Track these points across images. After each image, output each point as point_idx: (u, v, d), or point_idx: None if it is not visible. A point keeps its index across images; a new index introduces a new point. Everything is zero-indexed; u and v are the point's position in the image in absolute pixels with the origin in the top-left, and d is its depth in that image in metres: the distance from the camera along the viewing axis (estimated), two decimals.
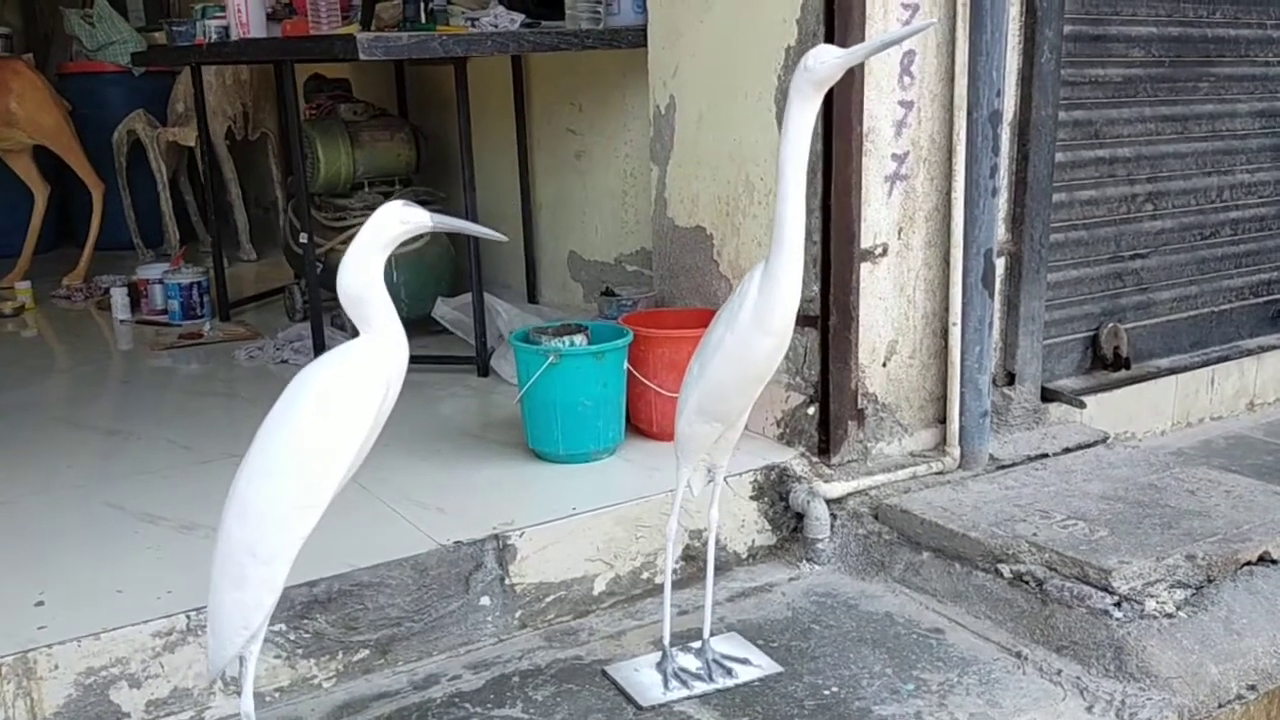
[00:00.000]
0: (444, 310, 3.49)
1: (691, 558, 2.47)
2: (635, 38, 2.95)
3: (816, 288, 2.57)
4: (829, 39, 2.44)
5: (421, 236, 3.59)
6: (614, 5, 2.99)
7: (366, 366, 1.54)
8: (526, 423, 2.61)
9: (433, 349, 3.48)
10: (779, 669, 2.10)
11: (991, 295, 2.68)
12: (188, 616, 1.92)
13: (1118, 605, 2.13)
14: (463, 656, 2.17)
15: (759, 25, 2.60)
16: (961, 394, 2.70)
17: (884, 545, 2.49)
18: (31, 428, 3.00)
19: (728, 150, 2.73)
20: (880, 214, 2.60)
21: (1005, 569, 2.29)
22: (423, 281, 3.60)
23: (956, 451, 2.72)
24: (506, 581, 2.23)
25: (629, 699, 2.02)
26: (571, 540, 2.29)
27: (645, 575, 2.40)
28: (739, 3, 2.65)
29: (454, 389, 3.22)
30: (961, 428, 2.72)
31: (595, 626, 2.29)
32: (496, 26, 2.99)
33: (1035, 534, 2.34)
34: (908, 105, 2.59)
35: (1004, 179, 2.70)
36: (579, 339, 2.59)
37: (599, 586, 2.34)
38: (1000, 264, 2.80)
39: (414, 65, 4.13)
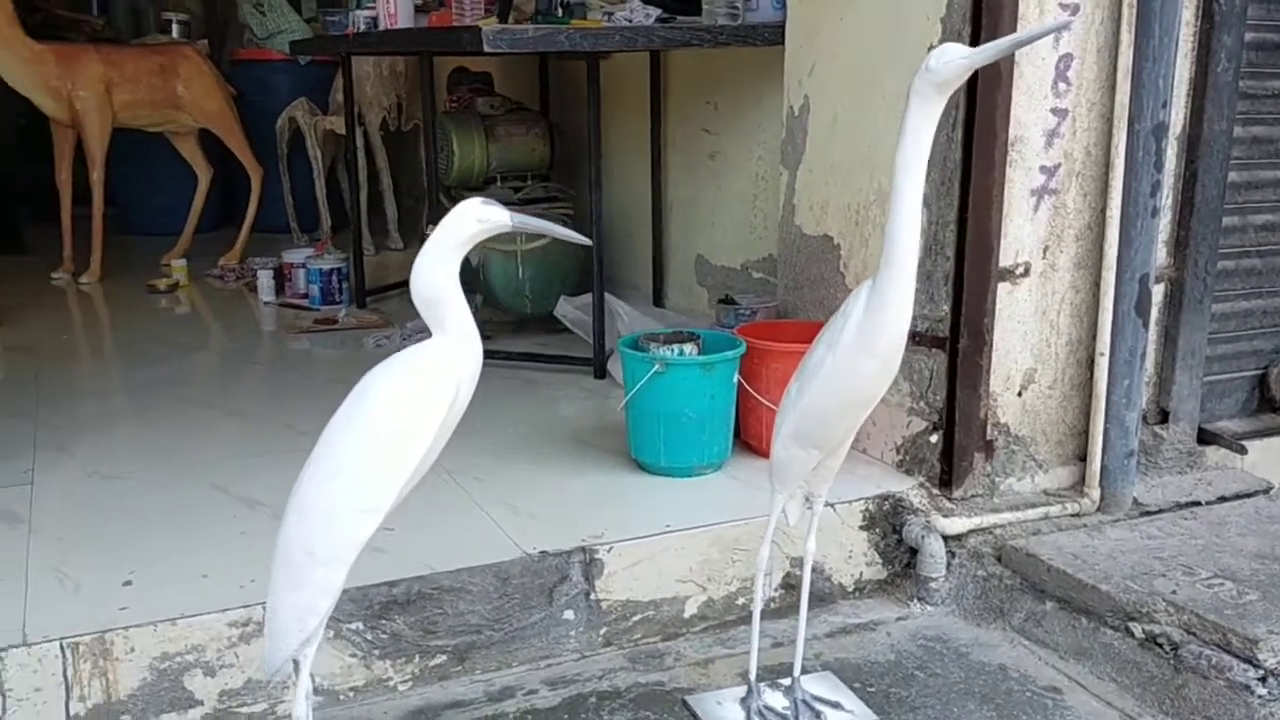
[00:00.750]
0: (566, 309, 3.43)
1: (791, 586, 2.33)
2: (772, 35, 2.82)
3: (947, 307, 2.40)
4: (974, 39, 2.26)
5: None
6: (752, 1, 2.86)
7: (437, 369, 1.47)
8: (630, 431, 2.51)
9: (553, 348, 3.44)
10: (874, 718, 1.95)
11: (1146, 325, 2.45)
12: (264, 608, 1.89)
13: (1262, 681, 1.90)
14: (542, 670, 2.10)
15: (901, 23, 2.44)
16: (1105, 430, 2.48)
17: (1004, 590, 2.30)
18: (159, 404, 3.08)
19: (861, 156, 2.58)
20: (1024, 230, 2.40)
21: (1137, 628, 2.08)
22: (548, 279, 3.56)
23: (1096, 493, 2.50)
24: (592, 597, 2.14)
25: None
26: (663, 559, 2.19)
27: (740, 601, 2.27)
28: (882, 2, 2.49)
29: (569, 390, 3.16)
30: (1103, 467, 2.50)
31: (682, 651, 2.18)
32: (630, 21, 2.90)
33: (1175, 592, 2.11)
34: (1061, 114, 2.38)
35: (1166, 198, 2.46)
36: (689, 348, 2.48)
37: (690, 609, 2.23)
38: (1158, 291, 2.56)
39: (557, 61, 4.08)
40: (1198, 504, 2.55)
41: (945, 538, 2.37)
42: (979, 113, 2.28)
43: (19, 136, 6.48)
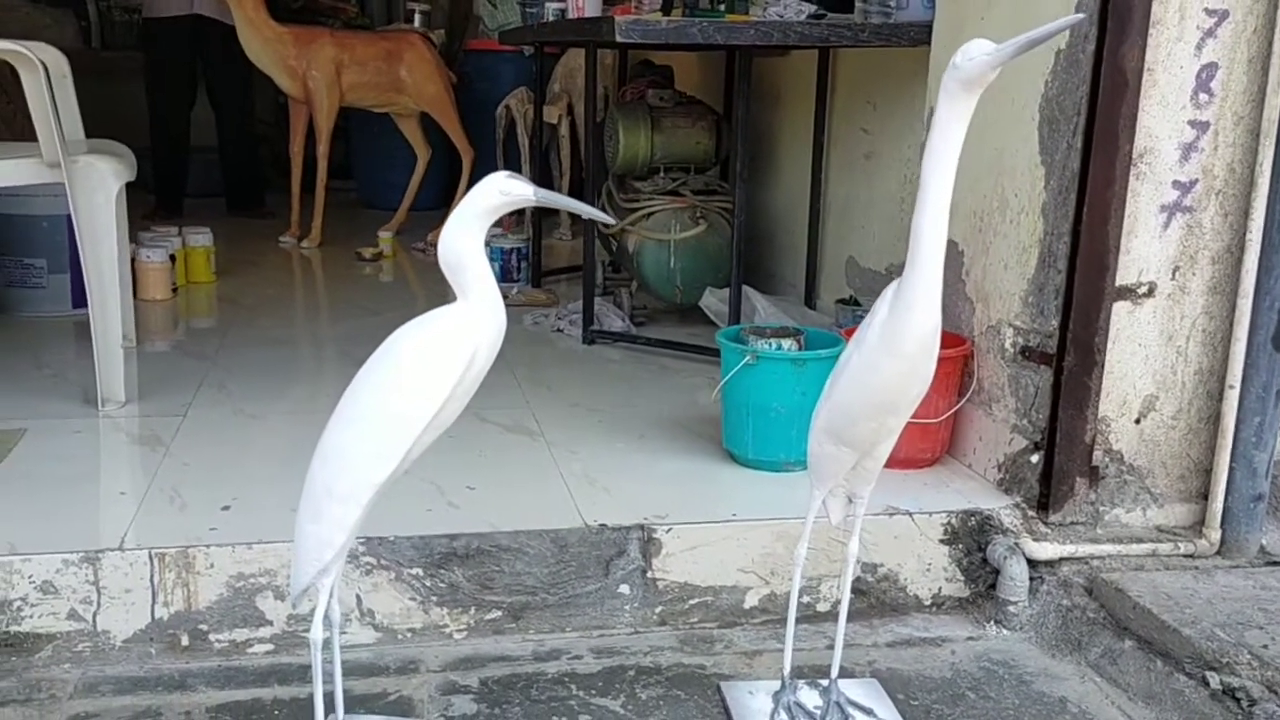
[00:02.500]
0: (711, 301, 3.47)
1: (861, 591, 2.29)
2: (918, 34, 2.76)
3: (1055, 322, 2.29)
4: (1100, 44, 2.15)
5: (701, 225, 3.60)
6: (904, 0, 2.81)
7: (454, 332, 1.57)
8: (723, 422, 2.54)
9: (700, 338, 3.48)
10: None
11: None
12: None
13: None
14: (593, 639, 2.16)
15: (1035, 20, 2.32)
16: (1231, 469, 2.30)
17: (1086, 623, 2.19)
18: (326, 358, 3.35)
19: (987, 160, 2.50)
20: (1150, 248, 2.27)
21: (1214, 678, 1.93)
22: (699, 270, 3.61)
23: (1216, 535, 2.33)
24: (648, 574, 2.19)
25: (729, 719, 1.92)
26: (724, 546, 2.21)
27: (805, 599, 2.26)
28: (1020, 3, 2.40)
29: (697, 379, 3.20)
30: (1226, 509, 2.32)
31: (735, 640, 2.19)
32: (781, 16, 2.91)
33: (1266, 646, 1.95)
34: (1201, 126, 2.23)
35: None
36: (788, 343, 2.48)
37: (750, 600, 2.24)
38: None
39: (745, 57, 4.11)
40: None
41: (1033, 562, 2.28)
42: (1099, 121, 2.17)
43: (278, 112, 7.10)
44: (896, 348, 1.60)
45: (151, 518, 2.13)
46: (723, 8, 3.13)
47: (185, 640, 2.03)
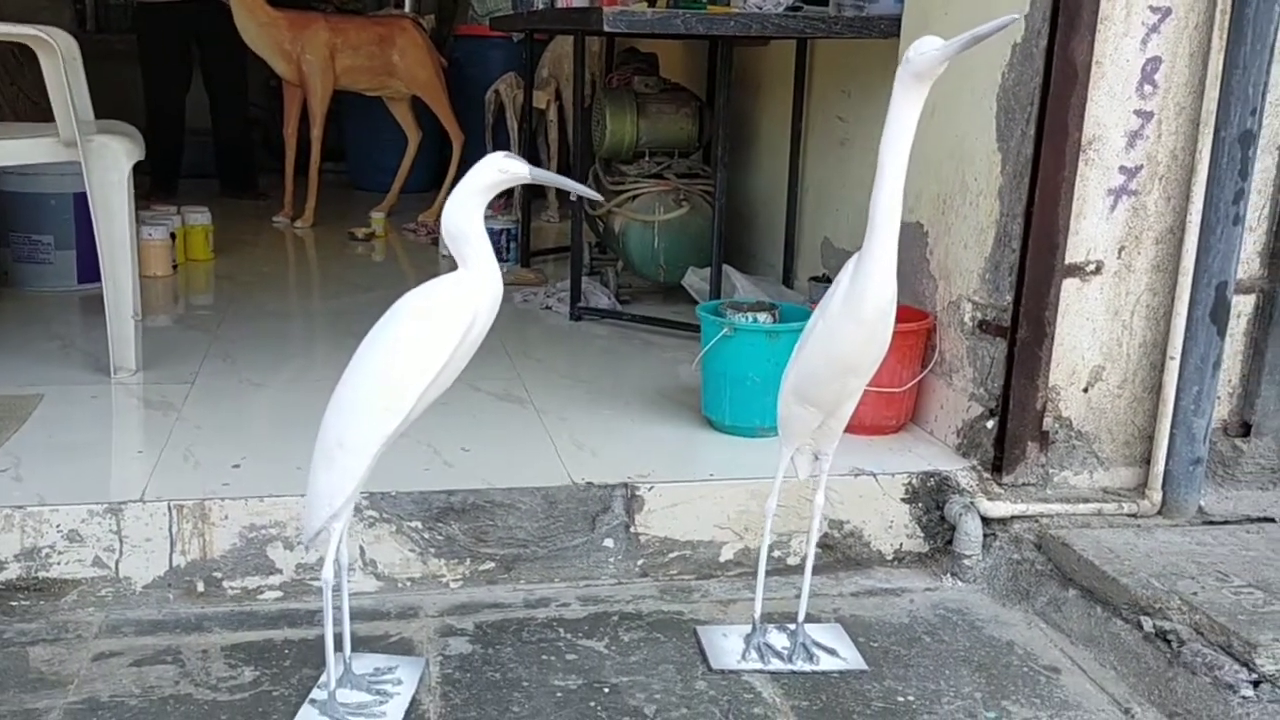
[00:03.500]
0: (693, 279, 3.64)
1: (829, 546, 2.47)
2: (888, 27, 2.92)
3: (1009, 298, 2.47)
4: (1051, 38, 2.32)
5: (684, 206, 3.76)
6: None
7: (455, 298, 1.72)
8: (702, 391, 2.71)
9: (683, 315, 3.64)
10: (864, 667, 2.09)
11: (1221, 333, 2.44)
12: None
13: (1254, 685, 1.92)
14: (580, 589, 2.33)
15: (991, 19, 2.50)
16: (1171, 435, 2.49)
17: (1034, 575, 2.37)
18: (319, 331, 3.50)
19: (949, 146, 2.67)
20: (1098, 229, 2.44)
21: (1147, 622, 2.12)
22: (682, 250, 3.77)
23: (1157, 496, 2.51)
24: (631, 529, 2.36)
25: (704, 658, 2.09)
26: (701, 503, 2.38)
27: (776, 554, 2.43)
28: None
29: (679, 353, 3.36)
30: (1167, 472, 2.50)
31: (711, 590, 2.36)
32: (760, 8, 3.07)
33: (1196, 594, 2.13)
34: (1146, 116, 2.40)
35: (1264, 209, 2.44)
36: (764, 317, 2.65)
37: (725, 554, 2.41)
38: (1248, 302, 2.54)
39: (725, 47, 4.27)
40: (1270, 521, 2.52)
41: (986, 519, 2.45)
42: (1050, 110, 2.34)
43: (269, 96, 7.21)
44: (857, 314, 1.77)
45: (168, 474, 2.29)
46: (704, 0, 3.28)
47: (201, 587, 2.19)
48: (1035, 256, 2.41)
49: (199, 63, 5.98)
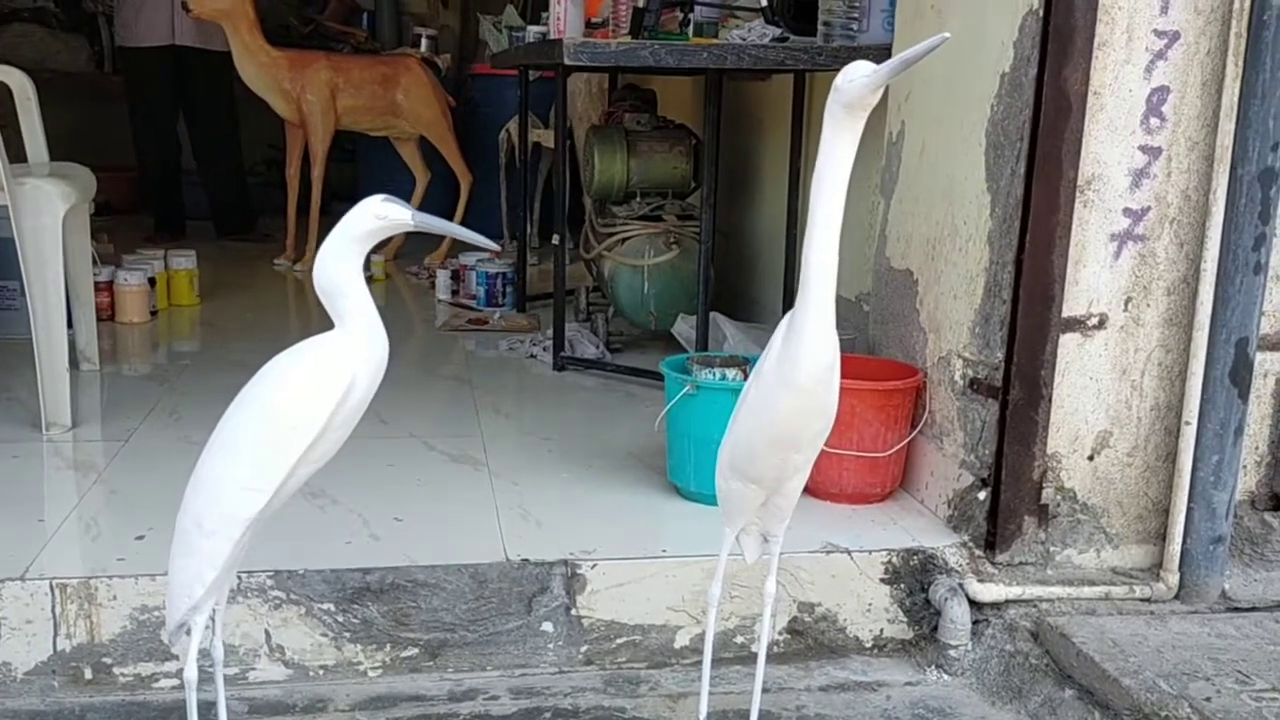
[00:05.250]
0: (682, 327, 3.41)
1: (798, 632, 2.21)
2: (879, 57, 2.66)
3: (1001, 354, 2.20)
4: (1041, 68, 2.08)
5: (675, 250, 3.54)
6: (864, 23, 2.75)
7: (330, 361, 1.51)
8: (668, 454, 2.47)
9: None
10: None
11: (1243, 395, 2.15)
12: (239, 578, 2.00)
13: None
14: (515, 678, 2.09)
15: (982, 47, 2.27)
16: (1189, 510, 2.20)
17: (1029, 670, 2.09)
18: None
19: (941, 186, 2.42)
20: (1100, 278, 2.18)
21: None
22: (673, 295, 3.55)
23: (1174, 579, 2.22)
24: (572, 612, 2.12)
25: None
26: (652, 584, 2.14)
27: (739, 639, 2.18)
28: (969, 22, 2.33)
29: (660, 407, 3.12)
30: (1184, 551, 2.22)
31: (661, 681, 2.11)
32: (744, 40, 2.85)
33: (1209, 699, 1.85)
34: (1153, 152, 2.14)
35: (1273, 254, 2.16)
36: (732, 373, 2.41)
37: (681, 640, 2.16)
38: (1276, 360, 2.25)
39: (729, 82, 4.06)
40: None
41: (977, 604, 2.18)
42: (1042, 147, 2.09)
43: (271, 138, 7.11)
44: (791, 380, 1.52)
45: (63, 546, 2.10)
46: (688, 32, 3.07)
47: (89, 673, 1.98)
48: (1028, 308, 2.15)
49: (185, 107, 5.85)
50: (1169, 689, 1.88)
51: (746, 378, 2.39)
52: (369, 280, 4.42)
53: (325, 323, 1.52)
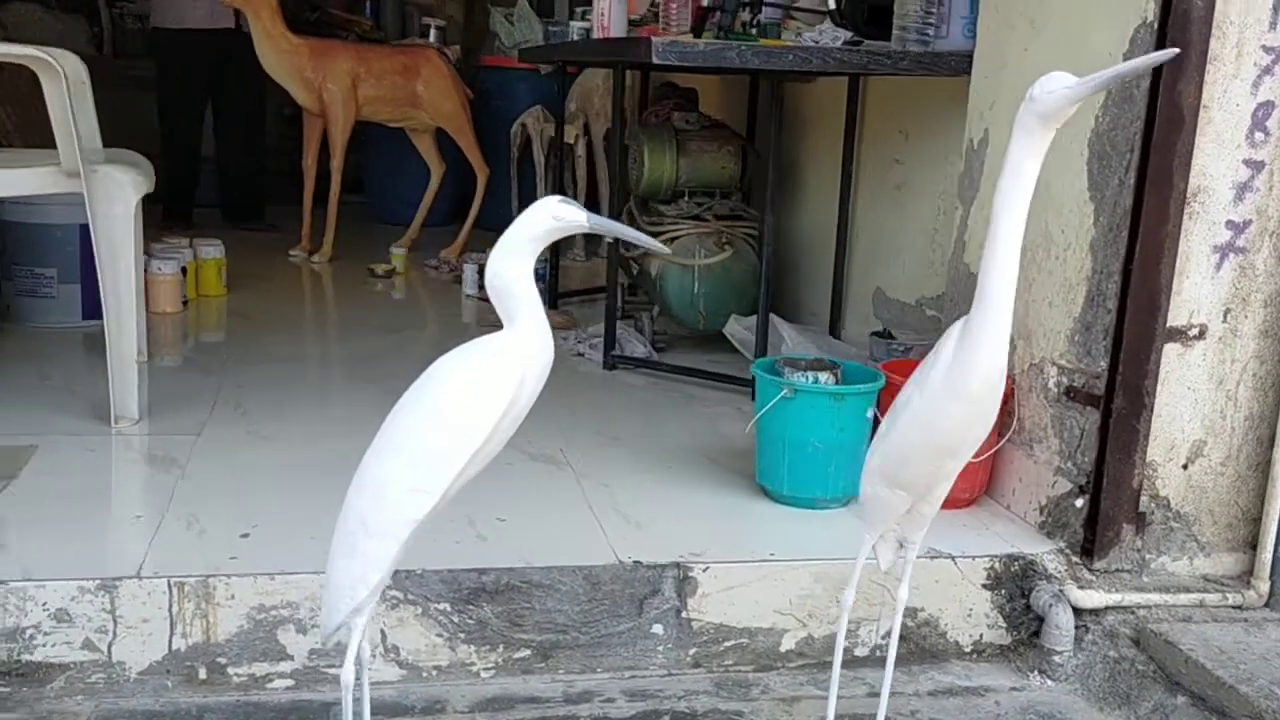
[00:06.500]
0: (735, 328, 3.41)
1: (902, 637, 2.21)
2: (959, 64, 2.70)
3: (1104, 363, 2.23)
4: (1155, 82, 2.10)
5: (727, 250, 3.54)
6: (943, 28, 2.76)
7: (500, 364, 1.49)
8: (757, 457, 2.47)
9: (721, 365, 3.42)
10: None
11: None
12: None
13: None
14: (625, 680, 2.09)
15: (1085, 58, 2.28)
16: None
17: (1135, 676, 2.11)
18: (335, 378, 3.28)
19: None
20: (1202, 289, 2.21)
21: None
22: (723, 296, 3.54)
23: (1265, 586, 2.26)
24: (683, 614, 2.12)
25: None
26: (761, 587, 2.14)
27: (845, 644, 2.18)
28: (1069, 32, 2.35)
29: (724, 409, 3.13)
30: (1276, 560, 2.25)
31: (771, 685, 2.12)
32: (817, 43, 2.85)
33: None
34: (1256, 166, 2.17)
35: None
36: (825, 376, 2.41)
37: (787, 643, 2.17)
38: None
39: (767, 83, 4.07)
40: None
41: (1078, 610, 2.20)
42: (1154, 159, 2.11)
43: (286, 124, 7.03)
44: (962, 390, 1.53)
45: (169, 544, 2.06)
46: (754, 32, 3.07)
47: (203, 673, 1.95)
48: (1135, 318, 2.18)
49: (215, 91, 5.77)
50: None
51: (838, 381, 2.41)
52: (391, 273, 4.41)
53: (359, 314, 1.51)
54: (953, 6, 2.75)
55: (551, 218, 1.47)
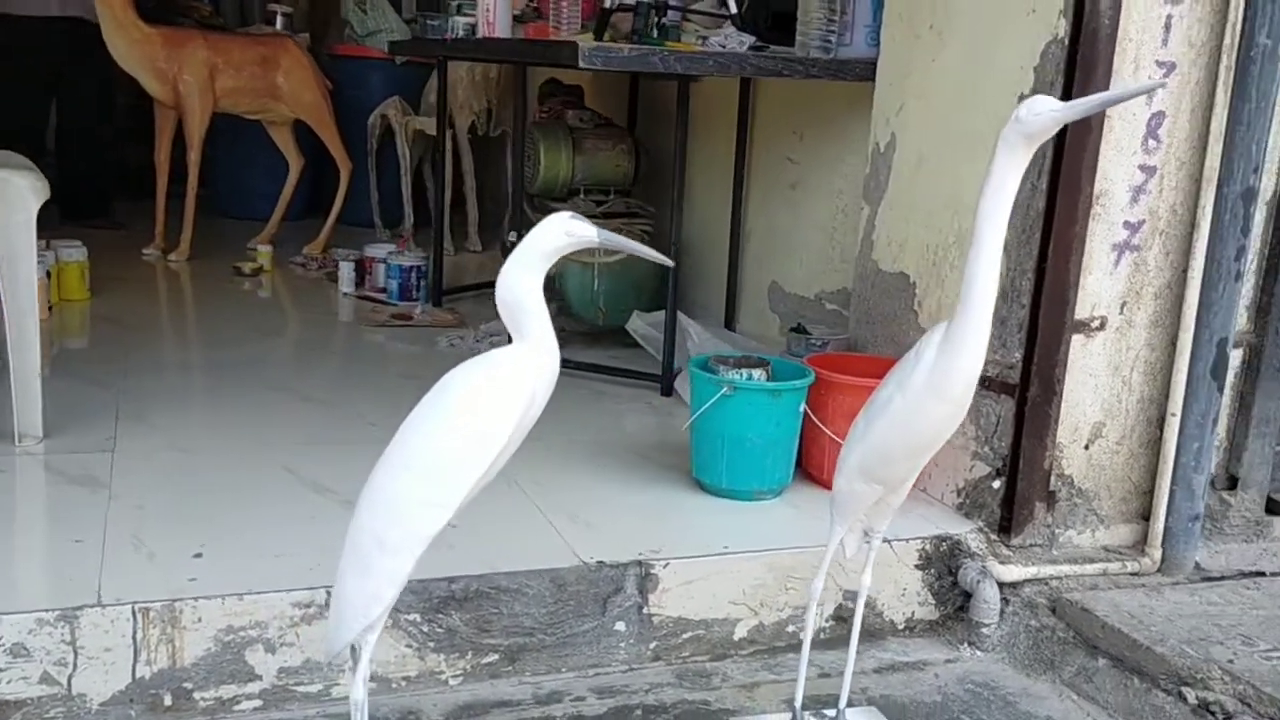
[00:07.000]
0: (638, 324, 3.47)
1: (842, 619, 2.34)
2: (863, 70, 2.84)
3: (1019, 354, 2.40)
4: (1066, 92, 2.27)
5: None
6: (846, 36, 2.89)
7: (513, 376, 1.52)
8: (693, 451, 2.54)
9: (622, 361, 3.47)
10: None
11: (1221, 389, 2.43)
12: (327, 592, 1.95)
13: None
14: (590, 679, 2.13)
15: (994, 69, 2.45)
16: (1171, 492, 2.46)
17: (1057, 643, 2.29)
18: (236, 385, 3.17)
19: (944, 197, 2.59)
20: (1102, 284, 2.40)
21: (1190, 694, 2.06)
22: (623, 293, 3.60)
23: (1157, 554, 2.48)
24: (644, 610, 2.17)
25: None
26: (718, 579, 2.22)
27: (790, 629, 2.29)
28: (976, 44, 2.50)
29: (635, 404, 3.20)
30: (1167, 529, 2.47)
31: (729, 673, 2.20)
32: (724, 47, 2.94)
33: (1232, 660, 2.09)
34: (1149, 171, 2.38)
35: (1250, 263, 2.44)
36: (758, 373, 2.51)
37: (740, 632, 2.25)
38: (1236, 356, 2.54)
39: (648, 80, 4.14)
40: (1261, 574, 2.52)
41: (1000, 585, 2.37)
42: (1066, 164, 2.28)
43: (126, 117, 6.67)
44: (944, 391, 1.64)
45: (121, 568, 1.98)
46: (655, 35, 3.13)
47: (168, 699, 1.89)
48: (1047, 312, 2.35)
49: (60, 82, 5.43)
50: (1195, 654, 2.11)
51: (769, 378, 2.50)
52: (259, 271, 4.29)
53: (236, 317, 1.52)
54: (856, 15, 2.88)
55: (564, 233, 1.51)
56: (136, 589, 1.90)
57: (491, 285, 4.31)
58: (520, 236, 3.48)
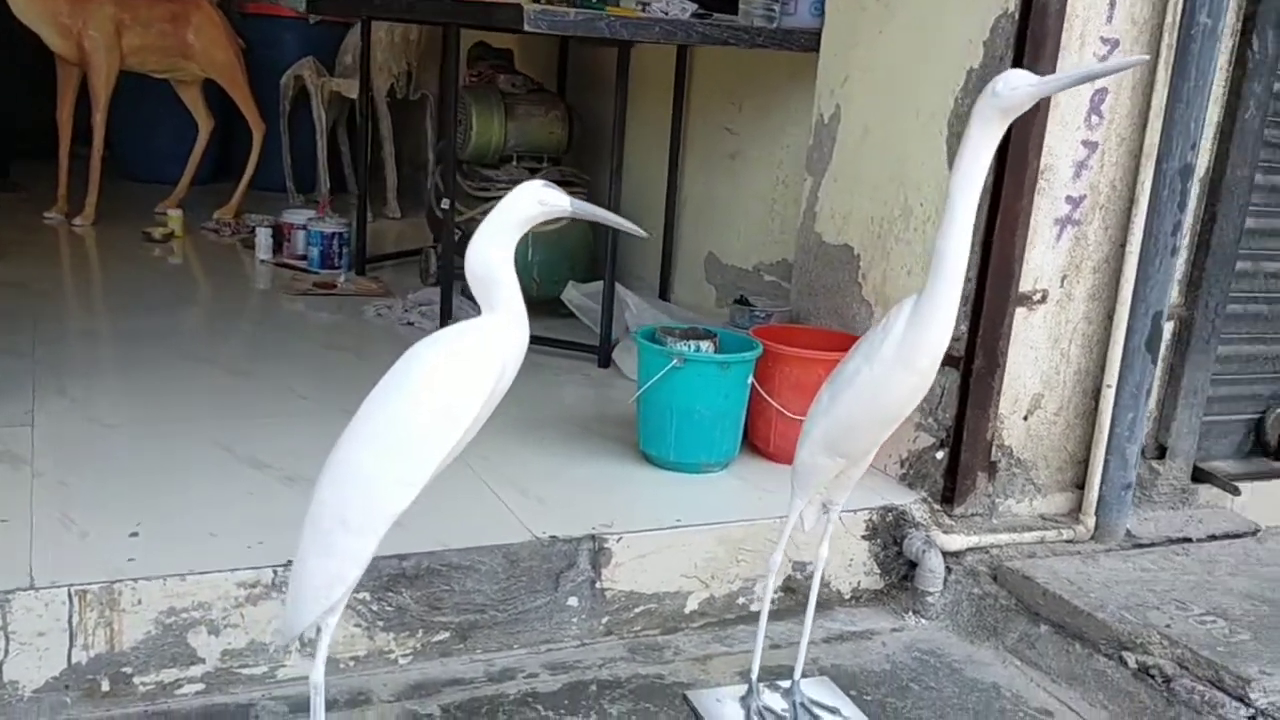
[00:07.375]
0: (574, 295, 3.43)
1: (791, 590, 2.35)
2: (808, 41, 2.83)
3: (965, 327, 2.42)
4: (1016, 64, 2.28)
5: (562, 218, 3.54)
6: (791, 5, 2.87)
7: (484, 348, 1.47)
8: (640, 424, 2.52)
9: (559, 332, 3.42)
10: None
11: (1154, 361, 2.48)
12: (274, 571, 1.89)
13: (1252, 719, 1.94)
14: (543, 655, 2.10)
15: (942, 43, 2.45)
16: (1106, 461, 2.52)
17: (999, 610, 2.33)
18: (156, 356, 3.04)
19: (890, 170, 2.59)
20: (1045, 258, 2.43)
21: (1130, 658, 2.11)
22: (557, 263, 3.55)
23: (1091, 521, 2.54)
24: (597, 585, 2.15)
25: None
26: (670, 553, 2.20)
27: (741, 600, 2.29)
28: (924, 17, 2.51)
29: (573, 376, 3.16)
30: (1100, 497, 2.53)
31: (681, 646, 2.19)
32: (667, 14, 2.90)
33: (1169, 625, 2.15)
34: (1091, 146, 2.41)
35: (1184, 238, 2.49)
36: (706, 345, 2.49)
37: (691, 605, 2.24)
38: (1168, 329, 2.60)
39: (579, 45, 4.07)
40: (1189, 540, 2.59)
41: (944, 554, 2.40)
42: (1013, 139, 2.29)
43: (21, 74, 6.35)
44: (914, 363, 1.64)
45: (53, 549, 1.88)
46: (603, 2, 3.07)
47: (106, 685, 1.81)
48: (993, 285, 2.38)
49: None
50: (1134, 619, 2.17)
51: (716, 349, 2.49)
52: (169, 236, 4.14)
53: (151, 285, 1.47)
54: None
55: (536, 203, 1.47)
56: (71, 570, 1.81)
57: (414, 254, 4.24)
58: (454, 204, 3.41)
